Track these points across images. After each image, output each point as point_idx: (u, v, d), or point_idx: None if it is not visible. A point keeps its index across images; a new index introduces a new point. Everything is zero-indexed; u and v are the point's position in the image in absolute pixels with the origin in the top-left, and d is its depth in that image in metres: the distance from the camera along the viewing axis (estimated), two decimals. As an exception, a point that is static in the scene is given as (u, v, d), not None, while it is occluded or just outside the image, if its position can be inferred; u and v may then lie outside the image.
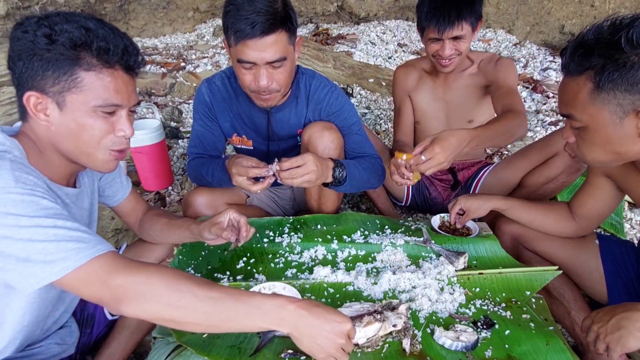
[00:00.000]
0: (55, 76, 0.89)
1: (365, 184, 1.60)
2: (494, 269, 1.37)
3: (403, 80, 1.99)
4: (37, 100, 0.91)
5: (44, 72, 0.89)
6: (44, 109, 0.92)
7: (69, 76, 0.89)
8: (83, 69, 0.90)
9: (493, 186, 1.95)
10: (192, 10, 4.61)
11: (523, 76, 3.65)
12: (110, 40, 0.91)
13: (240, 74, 1.40)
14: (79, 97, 0.91)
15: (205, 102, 1.63)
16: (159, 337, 1.19)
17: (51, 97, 0.91)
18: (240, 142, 1.70)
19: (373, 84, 3.44)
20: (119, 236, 2.00)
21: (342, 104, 1.61)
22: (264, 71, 1.36)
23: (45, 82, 0.89)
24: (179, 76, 3.52)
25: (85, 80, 0.90)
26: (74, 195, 1.07)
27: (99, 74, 0.91)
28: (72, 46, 0.88)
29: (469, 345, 1.07)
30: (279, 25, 1.31)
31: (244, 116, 1.64)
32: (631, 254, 1.37)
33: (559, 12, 4.54)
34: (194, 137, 1.68)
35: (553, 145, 1.75)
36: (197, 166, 1.63)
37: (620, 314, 0.99)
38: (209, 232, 1.23)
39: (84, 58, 0.90)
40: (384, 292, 1.27)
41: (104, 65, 0.92)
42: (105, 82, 0.92)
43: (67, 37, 0.88)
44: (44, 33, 0.87)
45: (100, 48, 0.90)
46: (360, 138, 1.64)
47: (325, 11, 4.81)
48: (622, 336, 0.97)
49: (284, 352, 1.04)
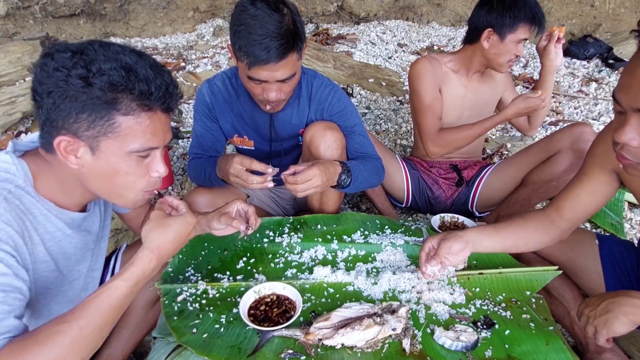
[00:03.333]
0: (90, 120, 0.83)
1: (367, 185, 1.62)
2: (494, 269, 1.37)
3: (433, 72, 1.90)
4: (68, 144, 0.85)
5: (78, 115, 0.83)
6: (74, 151, 0.87)
7: (105, 121, 0.84)
8: (121, 113, 0.84)
9: (495, 185, 1.96)
10: (192, 10, 4.60)
11: (523, 76, 3.65)
12: (152, 82, 0.85)
13: (250, 87, 1.42)
14: (115, 143, 0.86)
15: (206, 102, 1.62)
16: (159, 337, 1.19)
17: (84, 141, 0.85)
18: (241, 142, 1.70)
19: (373, 84, 3.44)
20: (119, 236, 2.00)
21: (345, 105, 1.61)
22: (274, 87, 1.37)
23: (79, 126, 0.84)
24: (179, 76, 3.52)
25: (123, 126, 0.85)
26: (80, 220, 1.04)
27: (138, 118, 0.86)
28: (112, 90, 0.82)
29: (469, 345, 1.07)
30: (291, 48, 1.31)
31: (245, 116, 1.64)
32: (631, 255, 1.37)
33: (559, 12, 4.54)
34: (193, 138, 1.69)
35: (555, 143, 1.76)
36: (195, 166, 1.64)
37: (609, 299, 1.01)
38: (217, 222, 1.21)
39: (123, 102, 0.84)
40: (384, 292, 1.27)
41: (142, 109, 0.86)
42: (144, 126, 0.87)
43: (106, 80, 0.81)
44: (80, 75, 0.81)
45: (142, 92, 0.84)
46: (363, 139, 1.64)
47: (325, 11, 4.80)
48: (608, 319, 0.99)
49: (284, 352, 1.05)
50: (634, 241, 1.95)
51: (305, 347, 1.06)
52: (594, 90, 3.40)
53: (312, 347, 1.06)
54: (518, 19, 1.72)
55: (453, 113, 1.98)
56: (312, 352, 1.05)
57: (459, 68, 1.95)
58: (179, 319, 1.15)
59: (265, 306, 1.18)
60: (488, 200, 2.00)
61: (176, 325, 1.12)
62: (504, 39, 1.76)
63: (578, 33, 4.49)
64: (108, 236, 1.23)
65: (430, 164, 2.10)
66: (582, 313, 1.06)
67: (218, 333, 1.11)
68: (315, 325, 1.08)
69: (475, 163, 2.10)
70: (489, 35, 1.79)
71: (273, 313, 1.16)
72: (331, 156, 1.50)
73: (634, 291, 1.00)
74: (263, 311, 1.17)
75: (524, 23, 1.73)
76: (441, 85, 1.93)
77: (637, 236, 2.02)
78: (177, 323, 1.13)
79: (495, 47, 1.80)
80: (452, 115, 1.98)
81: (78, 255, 1.08)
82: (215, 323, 1.14)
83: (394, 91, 3.40)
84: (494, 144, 2.77)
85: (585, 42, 4.01)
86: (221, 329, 1.12)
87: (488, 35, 1.79)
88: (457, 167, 2.08)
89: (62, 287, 1.05)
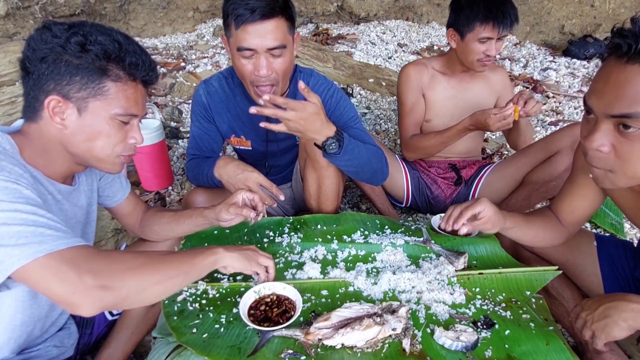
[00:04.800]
0: (82, 82, 0.93)
1: (365, 165, 1.49)
2: (494, 269, 1.37)
3: (417, 78, 1.96)
4: (57, 103, 0.94)
5: (71, 78, 0.93)
6: (61, 113, 0.95)
7: (97, 84, 0.94)
8: (111, 79, 0.96)
9: (495, 184, 1.96)
10: (192, 10, 4.60)
11: (523, 76, 3.65)
12: (139, 56, 0.98)
13: (240, 65, 1.40)
14: (102, 105, 0.96)
15: (202, 103, 1.63)
16: (159, 337, 1.19)
17: (73, 102, 0.95)
18: (238, 142, 1.70)
19: (373, 84, 3.44)
20: (119, 236, 2.01)
21: (339, 100, 1.60)
22: (264, 60, 1.36)
23: (71, 88, 0.93)
24: (179, 76, 3.52)
25: (111, 90, 0.96)
26: (68, 192, 1.08)
27: (124, 85, 0.98)
28: (105, 57, 0.94)
29: (469, 345, 1.07)
30: (278, 11, 1.33)
31: (242, 116, 1.64)
32: (629, 255, 1.37)
33: (559, 12, 4.54)
34: (191, 139, 1.69)
35: (555, 143, 1.76)
36: (193, 167, 1.64)
37: (607, 303, 1.00)
38: (227, 212, 1.26)
39: (113, 70, 0.96)
40: (384, 292, 1.27)
41: (129, 78, 0.98)
42: (128, 93, 0.99)
43: (101, 48, 0.93)
44: (78, 41, 0.92)
45: (131, 64, 0.97)
46: (359, 131, 1.59)
47: (325, 11, 4.80)
48: (607, 325, 0.98)
49: (284, 352, 1.05)
50: (633, 241, 1.95)
51: (305, 347, 1.06)
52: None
53: (312, 347, 1.06)
54: (471, 18, 1.74)
55: (445, 114, 2.00)
56: (312, 352, 1.05)
57: (446, 70, 1.98)
58: (179, 319, 1.15)
59: (265, 306, 1.18)
60: (488, 199, 2.00)
61: (176, 325, 1.12)
62: (464, 37, 1.80)
63: (578, 33, 4.49)
64: (95, 222, 1.26)
65: (429, 163, 2.10)
66: (578, 316, 1.05)
67: (218, 333, 1.11)
68: (315, 325, 1.08)
69: (474, 162, 2.10)
70: (452, 35, 1.84)
71: (273, 313, 1.16)
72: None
73: (632, 295, 0.99)
74: (263, 311, 1.17)
75: (480, 22, 1.73)
76: (426, 90, 1.98)
77: (637, 236, 2.02)
78: (177, 323, 1.13)
79: (459, 47, 1.84)
80: (444, 116, 1.99)
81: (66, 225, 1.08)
82: (215, 323, 1.14)
83: (394, 91, 3.40)
84: (494, 144, 2.78)
85: (585, 42, 4.02)
86: (221, 329, 1.12)
87: (451, 35, 1.85)
88: (455, 166, 2.08)
89: None
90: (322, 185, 1.59)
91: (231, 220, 1.29)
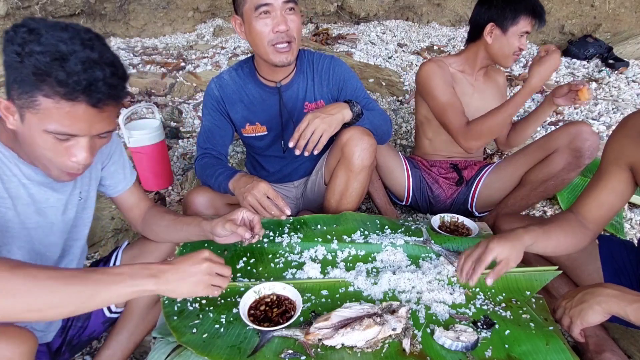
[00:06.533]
0: (19, 91, 0.89)
1: (378, 126, 1.66)
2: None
3: (444, 73, 1.91)
4: (5, 107, 0.93)
5: (12, 84, 0.91)
6: (11, 115, 0.94)
7: (29, 96, 0.89)
8: (43, 94, 0.88)
9: (495, 184, 1.96)
10: (192, 10, 4.60)
11: (523, 76, 3.65)
12: (73, 75, 0.86)
13: (259, 27, 1.48)
14: (35, 118, 0.90)
15: (215, 96, 1.69)
16: (159, 337, 1.19)
17: (17, 108, 0.92)
18: (254, 130, 1.75)
19: (373, 84, 3.44)
20: (119, 236, 2.01)
21: (344, 70, 1.73)
22: (281, 15, 1.47)
23: (14, 93, 0.91)
24: (179, 76, 3.52)
25: (42, 105, 0.89)
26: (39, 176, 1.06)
27: (57, 103, 0.88)
28: (34, 72, 0.86)
29: (469, 345, 1.07)
30: None
31: (255, 102, 1.70)
32: (630, 254, 1.37)
33: (559, 12, 4.54)
34: (202, 133, 1.72)
35: (553, 142, 1.76)
36: (205, 166, 1.65)
37: (586, 290, 1.03)
38: (222, 228, 1.21)
39: (46, 85, 0.87)
40: (384, 292, 1.27)
41: (63, 97, 0.88)
42: (62, 112, 0.89)
43: (32, 61, 0.86)
44: (15, 50, 0.87)
45: (61, 82, 0.86)
46: (367, 100, 1.73)
47: (325, 11, 4.80)
48: (582, 309, 1.00)
49: (284, 352, 1.05)
50: (634, 241, 1.95)
51: (305, 347, 1.06)
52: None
53: (312, 347, 1.06)
54: (519, 12, 1.79)
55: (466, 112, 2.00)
56: (312, 352, 1.05)
57: (464, 68, 2.00)
58: (179, 319, 1.15)
59: (265, 306, 1.18)
60: (487, 200, 2.00)
61: (176, 325, 1.13)
62: (507, 32, 1.82)
63: (578, 33, 4.49)
64: (92, 209, 1.25)
65: (430, 163, 2.11)
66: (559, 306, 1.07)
67: (218, 333, 1.11)
68: (315, 325, 1.08)
69: (475, 163, 2.11)
70: (492, 30, 1.85)
71: (273, 313, 1.16)
72: (363, 159, 1.57)
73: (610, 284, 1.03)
74: (263, 311, 1.17)
75: (524, 15, 1.79)
76: (453, 84, 1.95)
77: (637, 236, 2.02)
78: (177, 323, 1.14)
79: (498, 41, 1.85)
80: None
81: (37, 207, 1.09)
82: (215, 323, 1.14)
83: (394, 91, 3.40)
84: (494, 143, 2.77)
85: (585, 42, 4.01)
86: (221, 329, 1.12)
87: (491, 30, 1.85)
88: (457, 166, 2.08)
89: (21, 230, 1.07)
90: (350, 187, 1.64)
91: (225, 237, 1.24)
